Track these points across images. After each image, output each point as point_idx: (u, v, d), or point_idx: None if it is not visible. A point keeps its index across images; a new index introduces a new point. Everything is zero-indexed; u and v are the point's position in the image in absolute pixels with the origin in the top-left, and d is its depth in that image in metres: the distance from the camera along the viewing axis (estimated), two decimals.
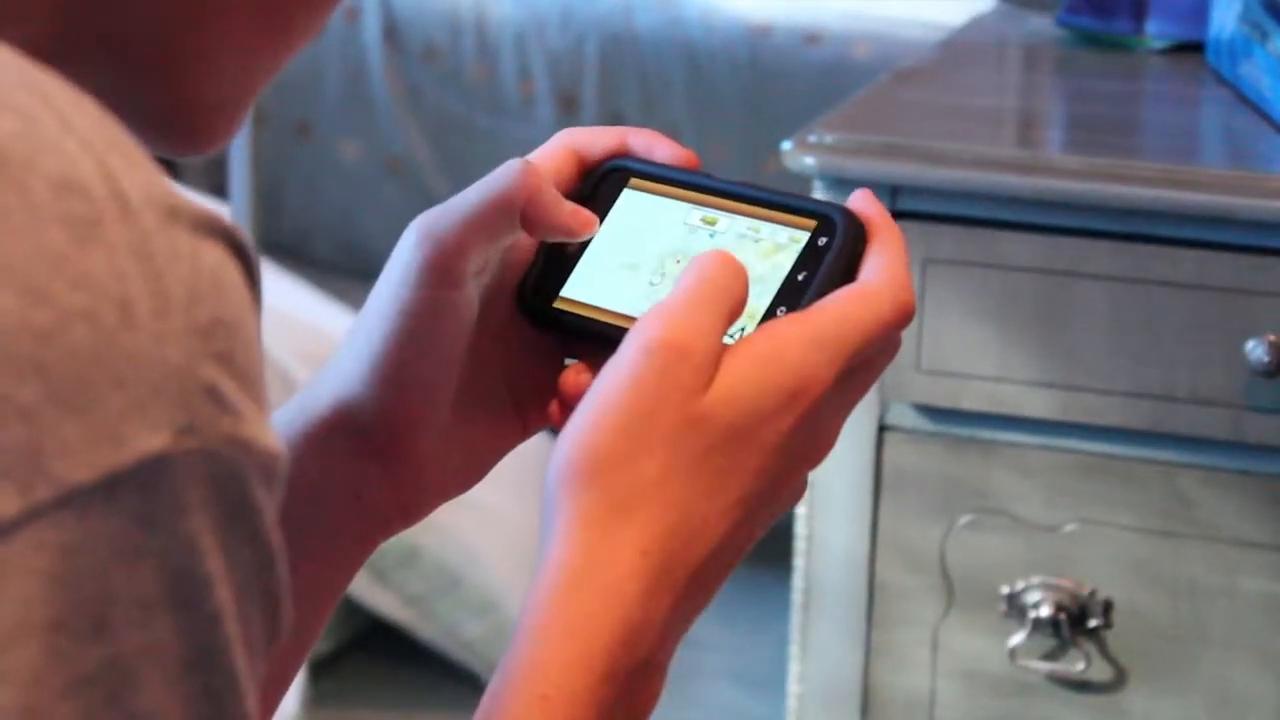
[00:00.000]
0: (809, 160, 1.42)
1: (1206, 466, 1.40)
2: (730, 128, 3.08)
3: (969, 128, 1.50)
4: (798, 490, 0.71)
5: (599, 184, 0.80)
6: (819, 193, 1.43)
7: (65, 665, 0.46)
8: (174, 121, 0.61)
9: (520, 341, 0.78)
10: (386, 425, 0.75)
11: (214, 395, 0.48)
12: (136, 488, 0.46)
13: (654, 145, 0.79)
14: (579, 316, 0.77)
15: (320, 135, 3.29)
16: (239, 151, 2.73)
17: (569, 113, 3.14)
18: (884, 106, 1.57)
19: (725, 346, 0.68)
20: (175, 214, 0.48)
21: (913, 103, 1.59)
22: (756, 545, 0.75)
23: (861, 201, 0.74)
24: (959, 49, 1.79)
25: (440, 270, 0.74)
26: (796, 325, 0.69)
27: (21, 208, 0.46)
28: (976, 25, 1.89)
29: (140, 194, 0.48)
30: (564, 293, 0.78)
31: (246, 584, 0.50)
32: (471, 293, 0.75)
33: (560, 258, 0.79)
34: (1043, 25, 1.83)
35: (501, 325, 0.78)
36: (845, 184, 1.41)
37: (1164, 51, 1.73)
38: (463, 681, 2.50)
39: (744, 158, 3.06)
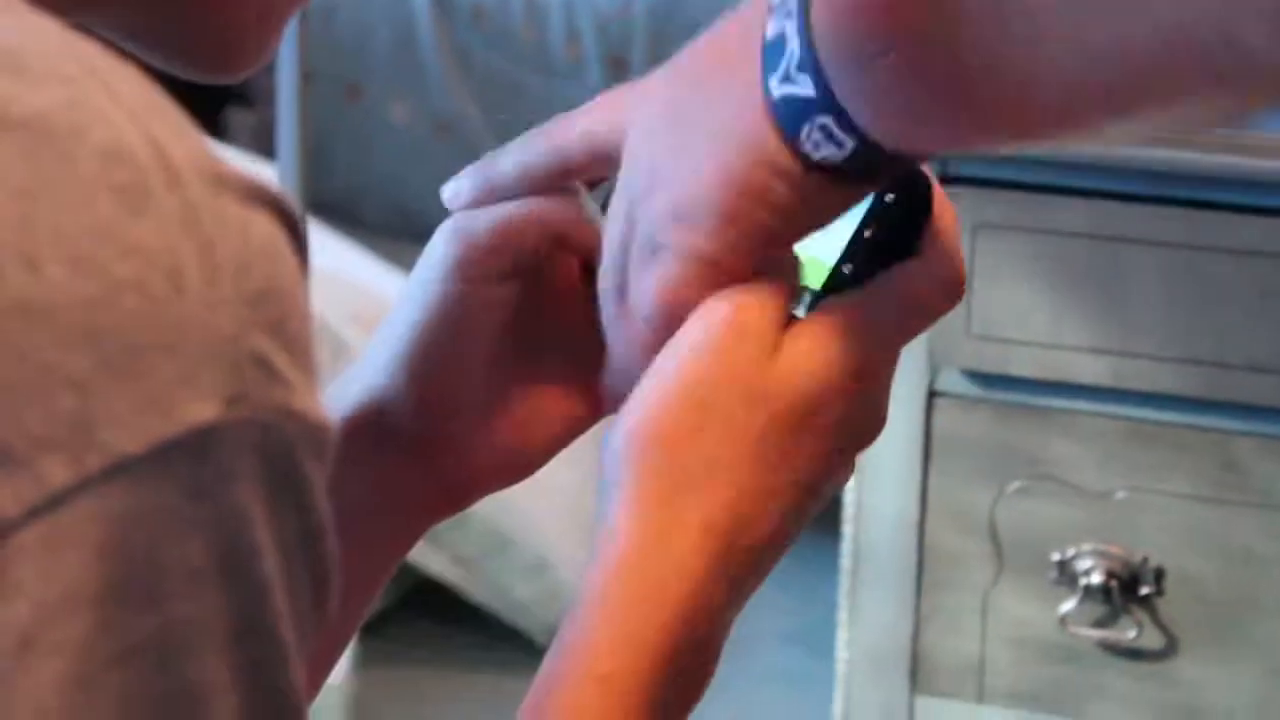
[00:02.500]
0: None
1: (1260, 434, 1.39)
2: None
3: None
4: (847, 472, 0.71)
5: None
6: None
7: (116, 635, 0.46)
8: (201, 44, 0.61)
9: (586, 323, 0.78)
10: (414, 417, 0.75)
11: (264, 365, 0.47)
12: (187, 457, 0.46)
13: None
14: None
15: (370, 96, 3.29)
16: (287, 113, 2.73)
17: (618, 73, 3.13)
18: None
19: (789, 323, 0.69)
20: (223, 183, 0.48)
21: None
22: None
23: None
24: None
25: (469, 265, 0.74)
26: (857, 309, 0.69)
27: (70, 178, 0.46)
28: None
29: (188, 163, 0.48)
30: None
31: (294, 556, 0.49)
32: (505, 291, 0.75)
33: None
34: None
35: (563, 308, 0.78)
36: None
37: None
38: (513, 642, 2.51)
39: None
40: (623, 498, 0.67)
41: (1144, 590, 1.43)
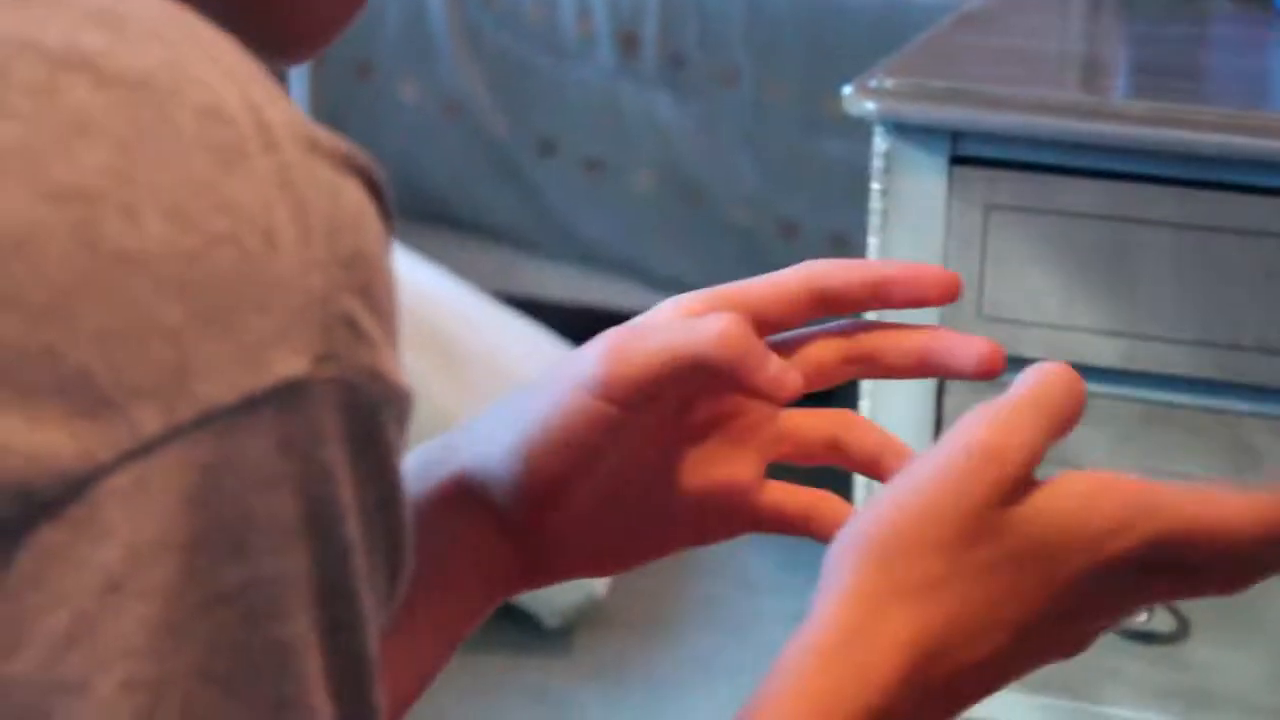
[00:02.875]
0: (869, 105, 1.40)
1: (1273, 416, 1.39)
2: (791, 68, 3.06)
3: (1031, 72, 1.48)
4: (1075, 645, 0.69)
5: None
6: (879, 138, 1.42)
7: (203, 582, 0.47)
8: (275, 23, 0.61)
9: (716, 455, 0.77)
10: (516, 502, 0.75)
11: (353, 326, 0.48)
12: (276, 411, 0.47)
13: (920, 282, 0.74)
14: None
15: (380, 76, 3.28)
16: (298, 93, 2.73)
17: (628, 52, 3.12)
18: (945, 50, 1.55)
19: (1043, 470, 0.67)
20: (316, 148, 0.49)
21: (974, 46, 1.57)
22: None
23: None
24: None
25: (617, 388, 0.72)
26: (1133, 483, 0.67)
27: (168, 135, 0.47)
28: None
29: (283, 127, 0.49)
30: None
31: (374, 520, 0.50)
32: (644, 418, 0.74)
33: None
34: None
35: (694, 438, 0.77)
36: (906, 129, 1.40)
37: None
38: (523, 625, 2.51)
39: (804, 99, 3.04)
40: (837, 590, 0.66)
41: None
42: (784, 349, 0.76)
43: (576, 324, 3.12)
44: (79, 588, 0.46)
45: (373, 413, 0.49)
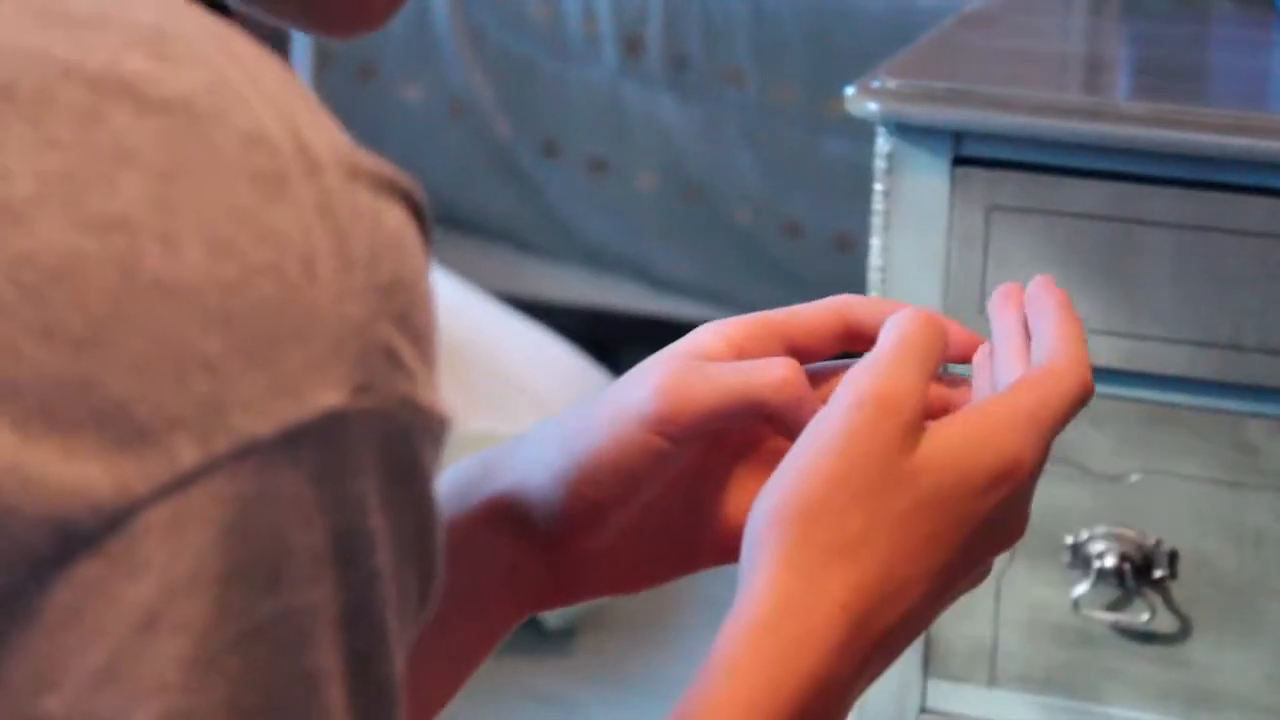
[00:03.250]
0: (871, 106, 1.40)
1: (1275, 416, 1.39)
2: (794, 69, 3.06)
3: (1034, 73, 1.48)
4: (985, 572, 0.72)
5: None
6: (882, 139, 1.42)
7: (236, 618, 0.46)
8: (325, 6, 0.61)
9: (734, 482, 0.78)
10: (557, 531, 0.76)
11: (390, 355, 0.48)
12: (313, 442, 0.47)
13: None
14: None
15: (383, 77, 3.28)
16: None
17: (633, 54, 3.12)
18: (947, 51, 1.55)
19: (929, 408, 0.69)
20: (358, 172, 0.49)
21: (977, 47, 1.57)
22: None
23: (1042, 286, 0.75)
24: None
25: (671, 425, 0.73)
26: (1003, 406, 0.70)
27: (210, 162, 0.47)
28: None
29: (325, 151, 0.48)
30: None
31: (404, 546, 0.50)
32: (693, 450, 0.75)
33: None
34: None
35: (714, 470, 0.78)
36: (908, 130, 1.40)
37: None
38: (525, 625, 2.50)
39: (807, 100, 3.04)
40: (765, 564, 0.67)
41: (1157, 573, 1.43)
42: (814, 380, 0.77)
43: (579, 325, 3.12)
44: (115, 623, 0.45)
45: (408, 441, 0.49)
